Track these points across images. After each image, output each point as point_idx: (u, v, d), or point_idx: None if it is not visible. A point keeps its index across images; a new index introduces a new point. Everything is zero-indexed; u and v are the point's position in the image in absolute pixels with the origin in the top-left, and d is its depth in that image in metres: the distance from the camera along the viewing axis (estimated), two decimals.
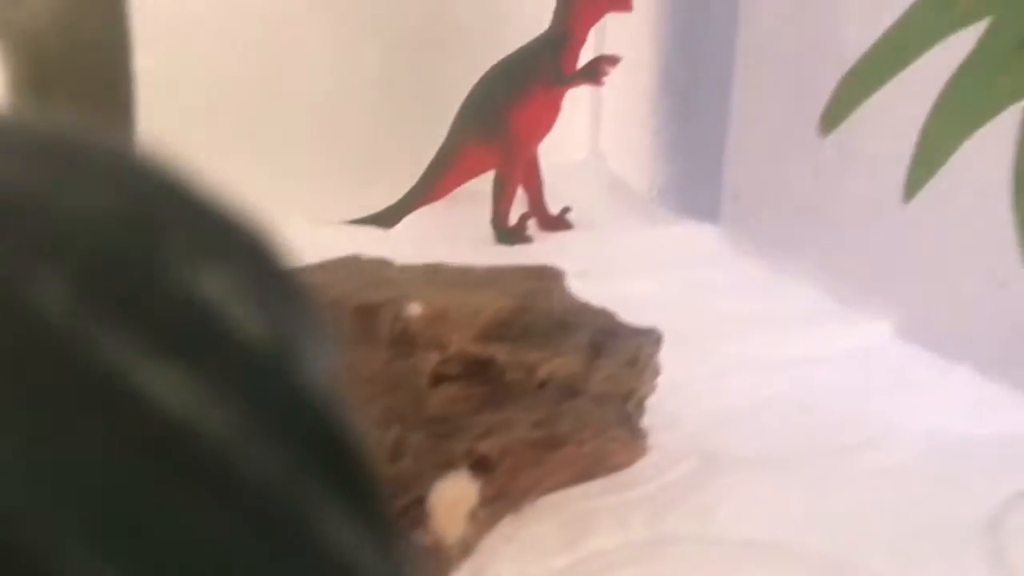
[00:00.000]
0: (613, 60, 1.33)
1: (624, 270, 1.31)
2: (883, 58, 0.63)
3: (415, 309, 0.79)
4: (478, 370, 0.81)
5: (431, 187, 1.39)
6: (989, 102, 0.67)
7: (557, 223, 1.45)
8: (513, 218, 1.40)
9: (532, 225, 1.45)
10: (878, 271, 1.17)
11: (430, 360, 0.79)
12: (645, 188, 1.65)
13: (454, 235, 1.43)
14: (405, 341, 0.78)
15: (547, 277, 0.88)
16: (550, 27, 1.32)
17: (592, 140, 1.76)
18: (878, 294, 1.15)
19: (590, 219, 1.51)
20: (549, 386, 0.82)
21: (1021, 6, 0.61)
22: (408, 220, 1.43)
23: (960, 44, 0.64)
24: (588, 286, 1.24)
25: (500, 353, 0.81)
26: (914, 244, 1.14)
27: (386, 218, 1.40)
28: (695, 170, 1.59)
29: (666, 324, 1.15)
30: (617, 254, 1.38)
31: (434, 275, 0.87)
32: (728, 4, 1.44)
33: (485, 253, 1.39)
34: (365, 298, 0.80)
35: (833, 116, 0.64)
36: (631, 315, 1.18)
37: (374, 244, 1.41)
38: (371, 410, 0.72)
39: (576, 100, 1.49)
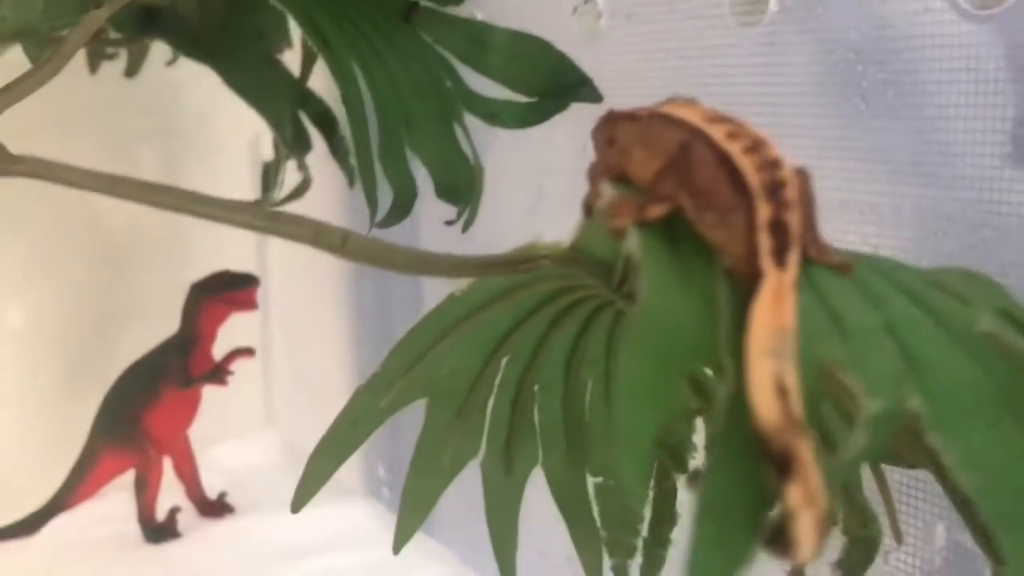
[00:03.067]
0: (248, 352, 1.36)
1: (269, 560, 1.31)
2: (339, 438, 0.68)
3: None
4: None
5: (71, 492, 1.36)
6: (453, 460, 0.73)
7: (216, 509, 1.44)
8: (163, 512, 1.38)
9: (190, 514, 1.44)
10: None
11: None
12: None
13: (102, 536, 1.39)
14: None
15: None
16: (179, 329, 1.35)
17: (267, 410, 1.78)
18: None
19: (257, 500, 1.50)
20: None
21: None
22: (54, 524, 1.38)
23: None
24: None
25: None
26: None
27: (26, 526, 1.35)
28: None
29: None
30: (271, 540, 1.38)
31: None
32: (413, 287, 1.51)
33: (130, 555, 1.36)
34: None
35: (303, 494, 0.69)
36: None
37: (12, 553, 1.35)
38: None
39: (247, 369, 1.51)
